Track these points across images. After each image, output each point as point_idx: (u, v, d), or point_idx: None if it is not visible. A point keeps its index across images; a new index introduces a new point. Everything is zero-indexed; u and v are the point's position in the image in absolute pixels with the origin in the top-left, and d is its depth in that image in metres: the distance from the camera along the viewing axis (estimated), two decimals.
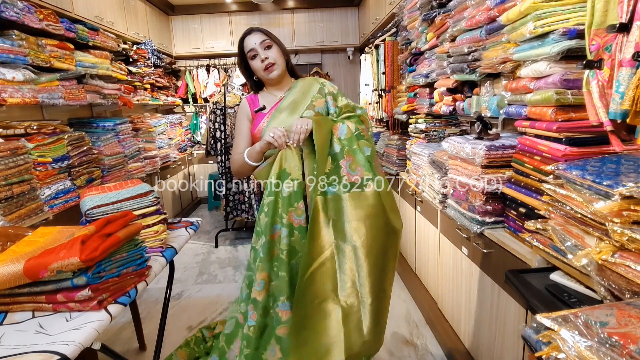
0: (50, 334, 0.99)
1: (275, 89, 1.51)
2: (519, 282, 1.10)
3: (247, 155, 1.42)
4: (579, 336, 0.59)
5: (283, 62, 1.46)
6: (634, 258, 0.78)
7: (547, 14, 1.20)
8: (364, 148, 1.38)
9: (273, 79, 1.46)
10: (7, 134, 1.92)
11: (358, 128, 1.39)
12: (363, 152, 1.37)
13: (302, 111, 1.43)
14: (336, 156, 1.35)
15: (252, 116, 1.51)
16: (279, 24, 4.95)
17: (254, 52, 1.43)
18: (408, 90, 2.85)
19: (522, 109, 1.42)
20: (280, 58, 1.45)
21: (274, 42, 1.45)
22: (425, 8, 2.29)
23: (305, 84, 1.49)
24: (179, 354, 1.88)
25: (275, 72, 1.44)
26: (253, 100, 1.54)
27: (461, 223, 1.64)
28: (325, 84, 1.52)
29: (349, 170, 1.35)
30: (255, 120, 1.49)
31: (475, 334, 1.66)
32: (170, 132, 4.25)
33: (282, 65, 1.46)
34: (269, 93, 1.52)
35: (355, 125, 1.40)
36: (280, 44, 1.47)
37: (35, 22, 2.12)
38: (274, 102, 1.48)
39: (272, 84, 1.50)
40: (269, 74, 1.44)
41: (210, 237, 3.86)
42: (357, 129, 1.39)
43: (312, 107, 1.44)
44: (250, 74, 1.51)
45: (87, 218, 1.44)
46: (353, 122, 1.41)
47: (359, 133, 1.39)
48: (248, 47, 1.44)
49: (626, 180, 0.83)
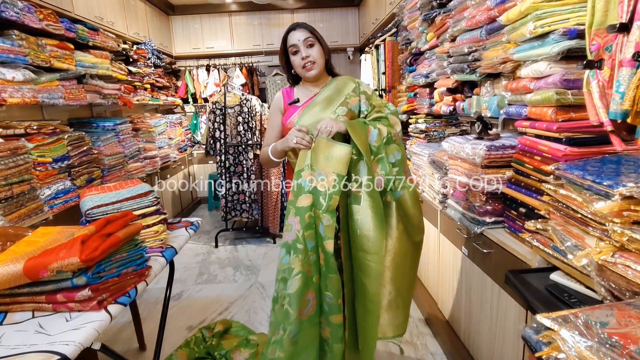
0: (50, 334, 0.99)
1: (312, 85, 1.53)
2: (519, 282, 1.10)
3: (271, 151, 1.45)
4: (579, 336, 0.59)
5: (323, 61, 1.48)
6: (634, 258, 0.78)
7: (547, 14, 1.20)
8: (395, 153, 1.37)
9: (311, 77, 1.48)
10: (7, 134, 1.92)
11: (390, 132, 1.37)
12: (393, 156, 1.37)
13: (335, 107, 1.43)
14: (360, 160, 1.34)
15: (284, 108, 1.53)
16: (279, 24, 4.95)
17: (295, 48, 1.45)
18: (408, 90, 2.85)
19: (522, 109, 1.42)
20: (321, 58, 1.47)
21: (317, 41, 1.46)
22: (425, 8, 2.29)
23: (341, 82, 1.51)
24: (179, 354, 1.88)
25: (313, 72, 1.46)
26: (289, 92, 1.57)
27: (461, 223, 1.64)
28: (361, 84, 1.53)
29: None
30: (288, 112, 1.50)
31: (475, 334, 1.66)
32: (170, 132, 4.25)
33: (322, 64, 1.48)
34: (305, 88, 1.55)
35: (387, 128, 1.38)
36: (323, 43, 1.49)
37: (35, 22, 2.12)
38: (309, 97, 1.50)
39: (309, 81, 1.53)
40: (307, 72, 1.46)
41: (210, 237, 3.86)
42: (388, 132, 1.37)
43: (346, 104, 1.44)
44: (290, 67, 1.53)
45: (87, 218, 1.44)
46: (385, 125, 1.39)
47: (390, 137, 1.37)
48: (291, 42, 1.45)
49: (626, 180, 0.83)
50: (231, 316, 2.35)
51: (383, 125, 1.38)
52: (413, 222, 1.38)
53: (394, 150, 1.37)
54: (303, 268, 1.22)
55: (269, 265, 3.14)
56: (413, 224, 1.39)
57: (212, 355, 1.92)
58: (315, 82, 1.52)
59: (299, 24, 1.47)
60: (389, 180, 1.33)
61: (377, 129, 1.36)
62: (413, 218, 1.38)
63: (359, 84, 1.53)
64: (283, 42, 1.49)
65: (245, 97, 3.57)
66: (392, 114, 1.45)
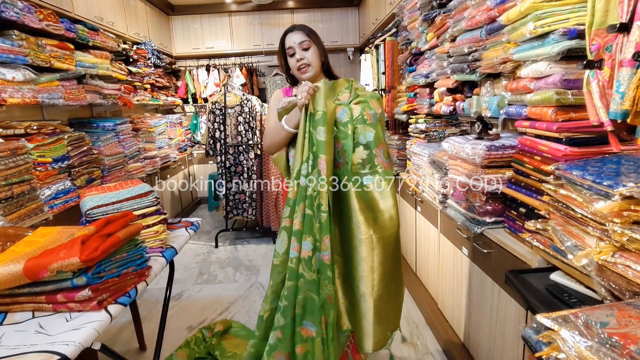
0: (50, 334, 0.99)
1: None
2: (519, 282, 1.10)
3: (286, 120, 1.41)
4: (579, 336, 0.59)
5: (319, 64, 1.50)
6: (634, 258, 0.78)
7: (547, 14, 1.20)
8: (367, 133, 1.33)
9: (305, 79, 1.49)
10: (7, 134, 1.92)
11: (363, 112, 1.35)
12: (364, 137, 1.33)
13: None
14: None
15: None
16: (279, 24, 4.95)
17: (292, 50, 1.47)
18: (408, 90, 2.85)
19: (522, 109, 1.42)
20: (317, 60, 1.48)
21: (313, 44, 1.47)
22: (425, 8, 2.29)
23: (337, 83, 1.53)
24: (179, 354, 1.88)
25: (307, 74, 1.47)
26: (287, 91, 1.60)
27: (461, 223, 1.64)
28: (354, 82, 1.55)
29: (337, 156, 1.34)
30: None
31: (475, 334, 1.66)
32: (170, 132, 4.25)
33: (317, 67, 1.49)
34: None
35: (360, 109, 1.36)
36: (320, 46, 1.50)
37: (35, 22, 2.12)
38: None
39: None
40: (301, 74, 1.48)
41: (210, 237, 3.86)
42: (361, 113, 1.35)
43: (337, 99, 1.46)
44: (288, 68, 1.55)
45: (87, 218, 1.44)
46: (360, 106, 1.37)
47: (362, 117, 1.34)
48: (287, 44, 1.48)
49: (626, 180, 0.83)
50: (231, 316, 2.35)
51: (358, 106, 1.37)
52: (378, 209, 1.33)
53: (365, 131, 1.34)
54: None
55: (269, 265, 3.12)
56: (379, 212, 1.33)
57: (212, 355, 1.92)
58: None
59: (296, 26, 1.49)
60: (349, 158, 1.32)
61: (348, 108, 1.36)
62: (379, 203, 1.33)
63: (353, 81, 1.54)
64: (281, 43, 1.51)
65: (245, 97, 3.57)
66: (373, 98, 1.42)
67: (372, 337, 1.33)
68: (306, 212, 1.26)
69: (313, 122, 1.29)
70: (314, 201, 1.26)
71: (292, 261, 1.26)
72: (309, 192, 1.26)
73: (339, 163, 1.34)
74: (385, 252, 1.33)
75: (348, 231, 1.34)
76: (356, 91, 1.49)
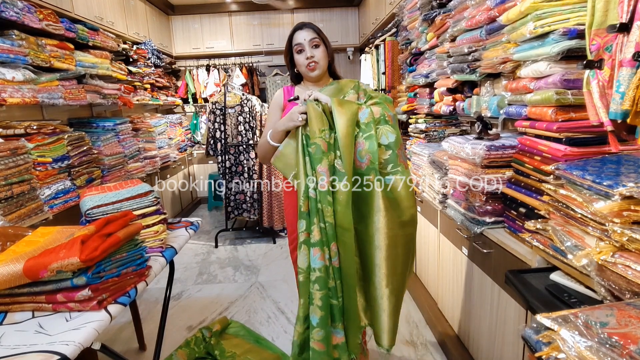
0: (50, 334, 0.99)
1: (313, 85, 1.55)
2: (519, 282, 1.10)
3: (270, 135, 1.43)
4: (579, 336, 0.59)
5: (326, 62, 1.51)
6: (634, 258, 0.78)
7: (547, 14, 1.20)
8: (389, 134, 1.34)
9: (313, 77, 1.50)
10: (7, 134, 1.92)
11: (384, 114, 1.36)
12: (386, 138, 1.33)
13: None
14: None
15: (284, 105, 1.56)
16: (279, 24, 4.95)
17: (301, 47, 1.47)
18: (408, 90, 2.85)
19: (522, 109, 1.42)
20: (324, 59, 1.49)
21: (322, 42, 1.48)
22: (425, 8, 2.29)
23: (342, 84, 1.53)
24: (179, 354, 1.88)
25: (316, 72, 1.48)
26: (289, 90, 1.59)
27: (461, 223, 1.64)
28: (361, 83, 1.56)
29: (358, 157, 1.33)
30: (287, 109, 1.52)
31: (475, 334, 1.66)
32: (170, 132, 4.25)
33: (324, 65, 1.50)
34: (306, 87, 1.56)
35: (381, 110, 1.36)
36: (328, 44, 1.51)
37: (35, 22, 2.12)
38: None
39: (310, 80, 1.55)
40: (310, 72, 1.48)
41: (210, 237, 3.86)
42: (382, 114, 1.35)
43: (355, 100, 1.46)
44: (293, 65, 1.55)
45: (87, 218, 1.44)
46: (379, 107, 1.38)
47: (384, 118, 1.35)
48: (297, 40, 1.48)
49: (626, 180, 0.83)
50: (231, 316, 2.35)
51: (378, 107, 1.38)
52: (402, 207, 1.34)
53: (387, 132, 1.34)
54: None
55: (269, 265, 3.14)
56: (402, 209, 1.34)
57: (212, 355, 1.92)
58: (317, 82, 1.54)
59: (305, 24, 1.50)
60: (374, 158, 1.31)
61: (370, 109, 1.35)
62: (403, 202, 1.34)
63: (359, 83, 1.56)
64: (289, 40, 1.51)
65: (245, 96, 3.57)
66: (387, 101, 1.45)
67: (391, 332, 1.36)
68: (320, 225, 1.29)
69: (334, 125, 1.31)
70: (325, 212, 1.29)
71: (320, 270, 1.27)
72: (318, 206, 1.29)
73: (361, 163, 1.33)
74: (407, 248, 1.36)
75: (369, 231, 1.34)
76: (366, 92, 1.50)
